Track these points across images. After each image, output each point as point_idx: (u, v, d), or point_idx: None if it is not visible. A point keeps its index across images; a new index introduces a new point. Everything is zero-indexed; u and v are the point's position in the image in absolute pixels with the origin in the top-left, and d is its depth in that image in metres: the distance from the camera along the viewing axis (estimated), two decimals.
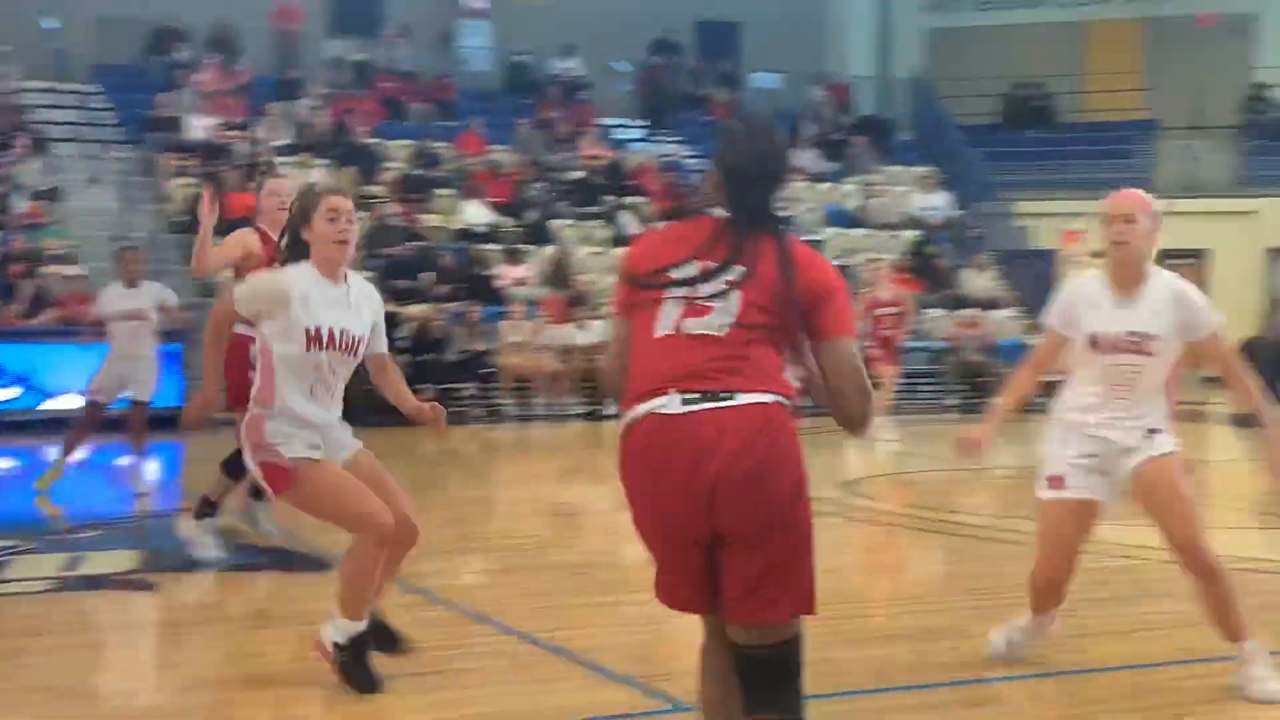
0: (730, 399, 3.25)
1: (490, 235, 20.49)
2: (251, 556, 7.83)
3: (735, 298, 3.36)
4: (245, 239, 7.50)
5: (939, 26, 30.16)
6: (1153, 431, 5.16)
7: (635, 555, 8.35)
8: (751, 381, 3.28)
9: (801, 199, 24.02)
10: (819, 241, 23.09)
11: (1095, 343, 5.16)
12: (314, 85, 23.28)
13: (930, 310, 21.21)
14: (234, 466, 7.46)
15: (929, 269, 22.22)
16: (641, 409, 3.32)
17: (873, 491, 11.20)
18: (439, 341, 17.16)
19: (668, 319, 3.40)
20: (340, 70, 24.82)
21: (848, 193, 24.81)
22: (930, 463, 13.53)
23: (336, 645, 5.12)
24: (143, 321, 10.38)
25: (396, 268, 18.78)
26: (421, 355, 16.99)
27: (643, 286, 3.45)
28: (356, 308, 5.15)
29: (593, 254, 21.04)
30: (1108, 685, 5.31)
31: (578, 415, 17.55)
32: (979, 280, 22.27)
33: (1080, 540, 5.26)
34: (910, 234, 23.29)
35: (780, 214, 3.57)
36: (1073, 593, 6.99)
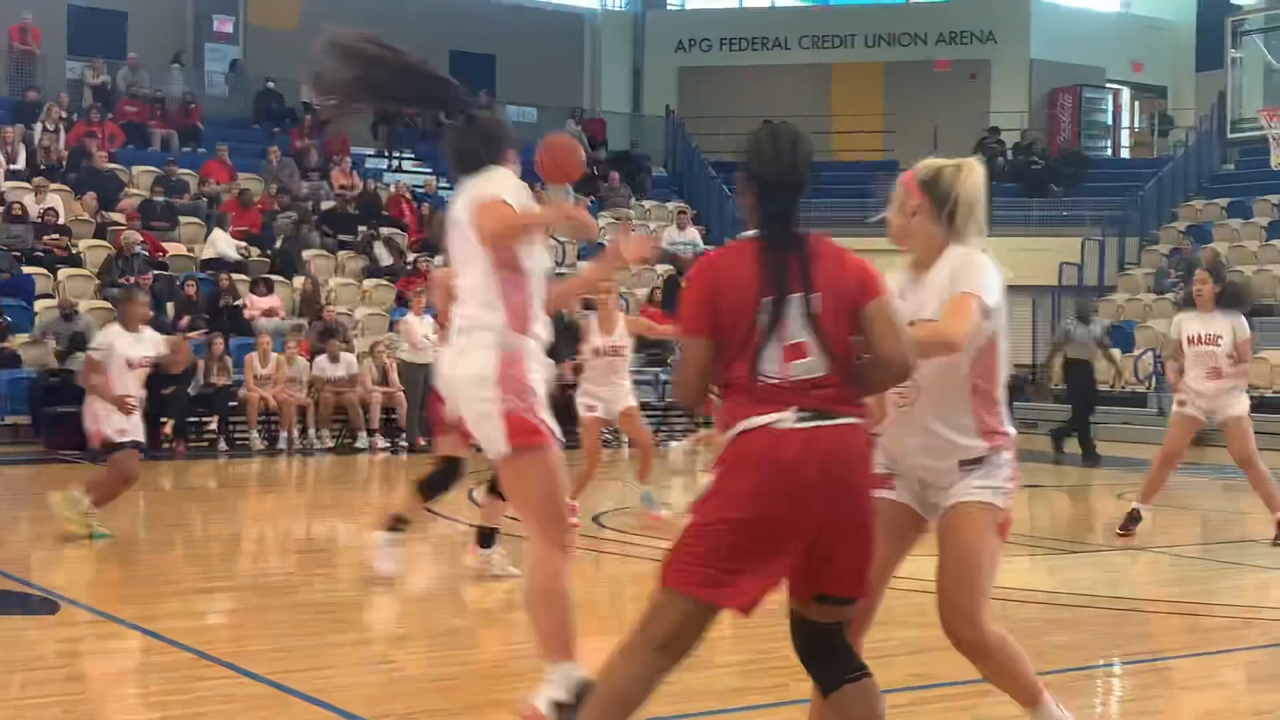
0: (834, 419, 3.70)
1: (238, 265, 20.00)
2: None
3: (821, 329, 3.73)
4: None
5: (689, 65, 30.79)
6: (967, 465, 4.23)
7: (380, 594, 8.26)
8: (848, 405, 3.75)
9: (557, 233, 24.14)
10: (571, 275, 23.25)
11: None
12: (52, 108, 22.39)
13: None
14: (431, 485, 8.10)
15: (679, 302, 22.53)
16: (757, 421, 3.69)
17: (622, 524, 11.27)
18: (182, 374, 16.61)
19: (770, 362, 3.73)
20: (80, 93, 23.94)
21: (602, 227, 25.05)
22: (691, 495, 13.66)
23: (562, 705, 4.41)
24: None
25: None
26: (164, 388, 16.44)
27: (730, 322, 3.75)
28: None
29: (345, 285, 20.73)
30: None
31: (327, 449, 17.23)
32: None
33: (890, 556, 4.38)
34: (663, 268, 23.64)
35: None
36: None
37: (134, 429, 9.72)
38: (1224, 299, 9.90)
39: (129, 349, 9.65)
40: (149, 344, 9.87)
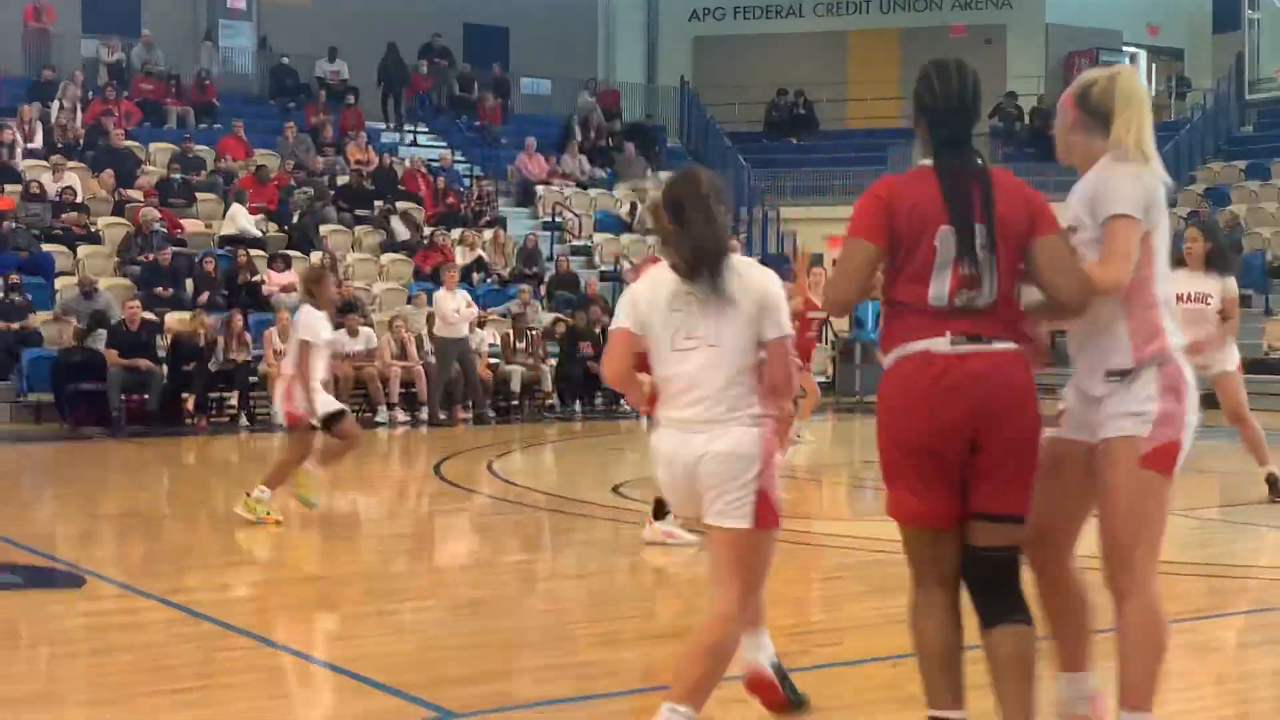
0: (990, 344, 3.85)
1: (255, 241, 20.04)
2: (3, 575, 7.49)
3: (993, 262, 3.86)
4: None
5: (704, 35, 30.67)
6: (1113, 376, 4.02)
7: (404, 565, 8.31)
8: (1006, 332, 3.88)
9: (571, 204, 24.14)
10: (588, 247, 23.26)
11: None
12: (69, 86, 22.42)
13: None
14: None
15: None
16: (915, 346, 3.87)
17: (644, 494, 11.30)
18: (202, 350, 16.69)
19: (939, 289, 3.87)
20: (96, 71, 23.96)
21: (617, 198, 25.02)
22: None
23: None
24: None
25: (157, 274, 18.22)
26: (184, 364, 16.51)
27: (906, 243, 3.88)
28: None
29: (362, 260, 20.75)
30: (864, 678, 5.46)
31: None
32: None
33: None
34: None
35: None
36: (830, 587, 7.19)
37: (332, 400, 9.90)
38: (1214, 259, 9.86)
39: (326, 330, 9.65)
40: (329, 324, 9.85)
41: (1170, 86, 31.39)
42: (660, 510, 8.38)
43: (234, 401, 17.08)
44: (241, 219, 20.20)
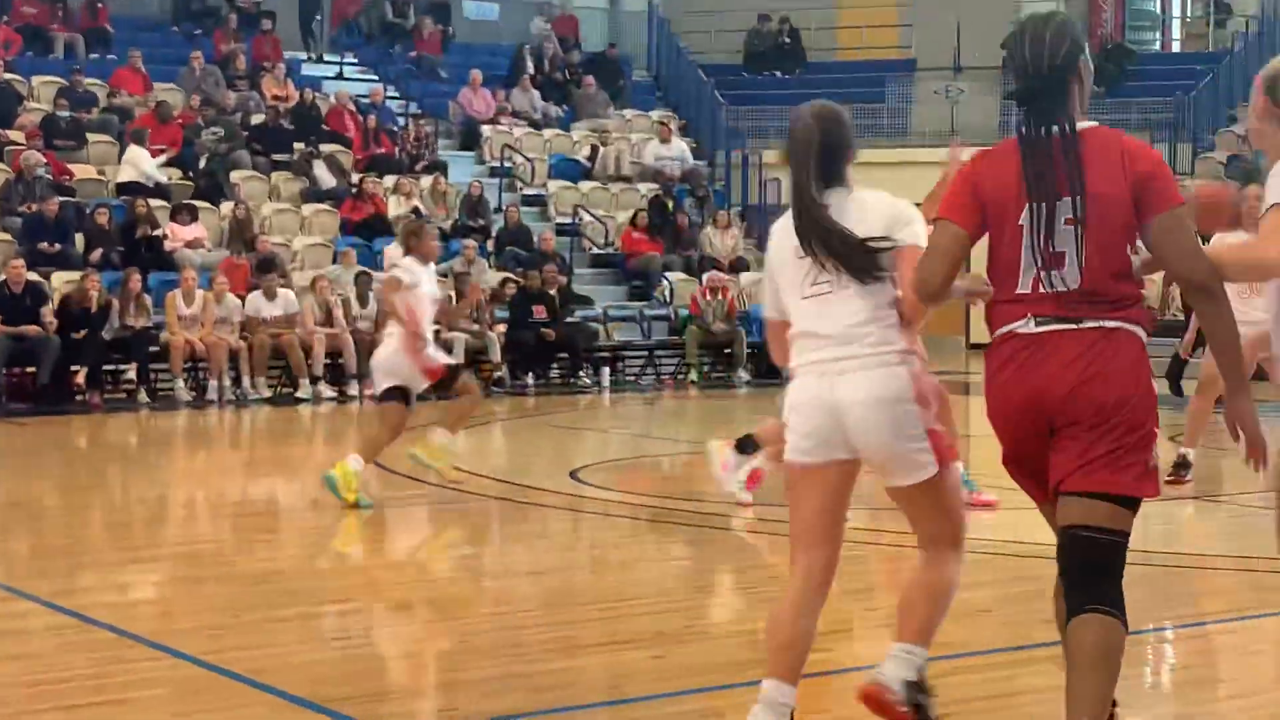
0: (1078, 323, 4.09)
1: (156, 190, 19.89)
2: None
3: (1081, 239, 4.07)
4: None
5: None
6: None
7: (328, 562, 8.29)
8: (1098, 310, 4.09)
9: (522, 147, 24.07)
10: (542, 196, 23.21)
11: None
12: None
13: (669, 274, 21.52)
14: None
15: (667, 227, 22.54)
16: (1005, 328, 4.17)
17: (604, 479, 11.31)
18: (95, 315, 16.57)
19: (1028, 268, 4.12)
20: None
21: (576, 140, 24.96)
22: (670, 445, 13.72)
23: (911, 683, 4.73)
24: None
25: (41, 227, 18.07)
26: (73, 331, 16.39)
27: (995, 225, 4.17)
28: None
29: (281, 211, 20.65)
30: (855, 687, 5.47)
31: (265, 399, 17.22)
32: (723, 240, 22.69)
33: None
34: (647, 187, 23.58)
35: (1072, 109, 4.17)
36: None
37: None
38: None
39: (430, 285, 10.01)
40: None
41: (1209, 12, 31.47)
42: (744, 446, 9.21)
43: (132, 375, 16.98)
44: (144, 163, 20.05)
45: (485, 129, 24.31)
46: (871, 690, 4.74)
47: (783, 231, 4.70)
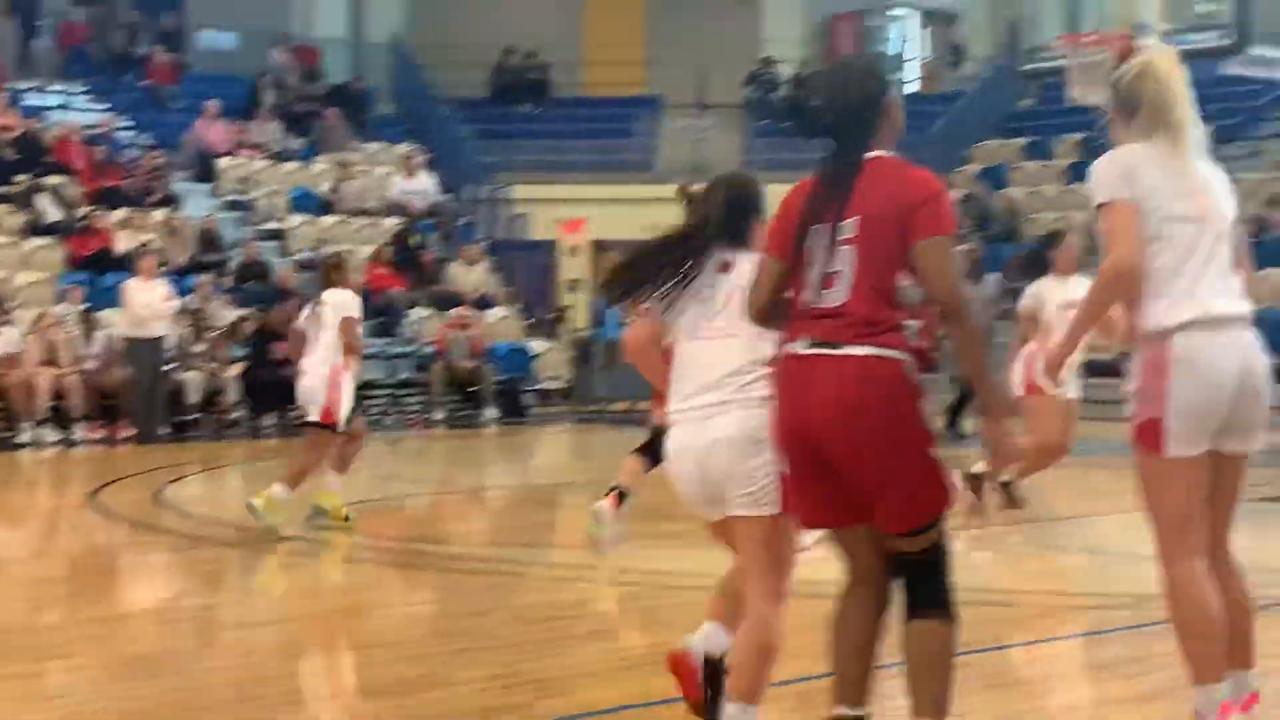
0: (837, 349, 4.35)
1: None
2: None
3: (854, 261, 4.36)
4: None
5: None
6: None
7: (52, 616, 7.97)
8: (859, 335, 4.34)
9: (261, 181, 23.65)
10: (281, 230, 22.83)
11: None
12: None
13: (414, 310, 21.34)
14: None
15: (412, 262, 22.37)
16: (785, 349, 4.48)
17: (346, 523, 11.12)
18: None
19: (811, 290, 4.43)
20: None
21: (317, 173, 24.63)
22: (416, 485, 13.57)
23: None
24: None
25: None
26: None
27: (795, 246, 4.48)
28: None
29: (2, 245, 19.92)
30: None
31: None
32: (470, 275, 22.60)
33: None
34: (391, 222, 23.36)
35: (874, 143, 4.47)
36: (558, 628, 7.21)
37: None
38: (1032, 262, 10.48)
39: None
40: None
41: (943, 55, 32.51)
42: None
43: None
44: None
45: (222, 161, 23.82)
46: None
47: None
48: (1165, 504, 4.60)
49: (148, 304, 17.20)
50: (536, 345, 22.15)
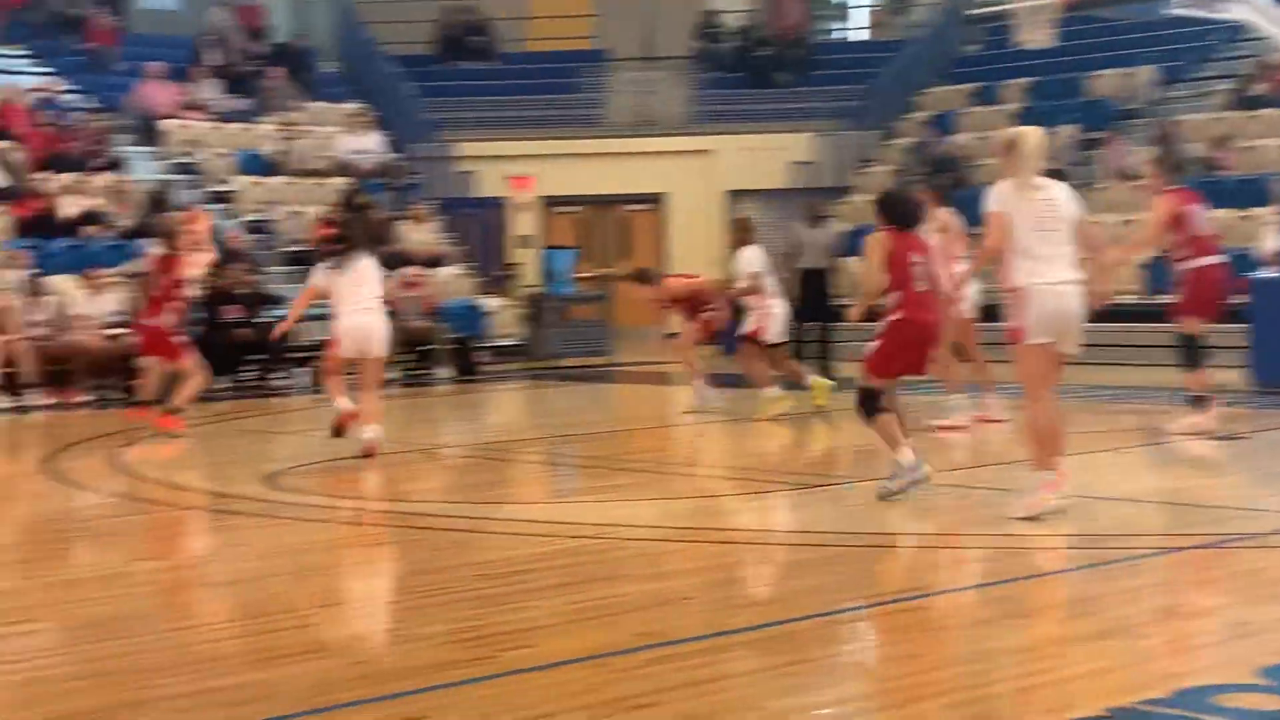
0: None
1: None
2: None
3: None
4: None
5: None
6: None
7: (6, 581, 7.99)
8: None
9: (207, 143, 23.52)
10: (229, 192, 22.73)
11: None
12: None
13: None
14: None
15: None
16: None
17: (302, 484, 11.16)
18: None
19: None
20: None
21: (263, 134, 24.50)
22: None
23: None
24: None
25: None
26: None
27: None
28: None
29: None
30: (562, 682, 5.53)
31: None
32: (419, 234, 22.57)
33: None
34: (338, 181, 23.29)
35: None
36: (519, 581, 7.30)
37: None
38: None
39: None
40: None
41: (891, 1, 32.55)
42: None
43: None
44: None
45: (166, 124, 23.67)
46: None
47: None
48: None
49: None
50: (488, 303, 22.17)
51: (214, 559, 8.69)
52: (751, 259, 14.28)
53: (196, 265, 14.40)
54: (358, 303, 12.02)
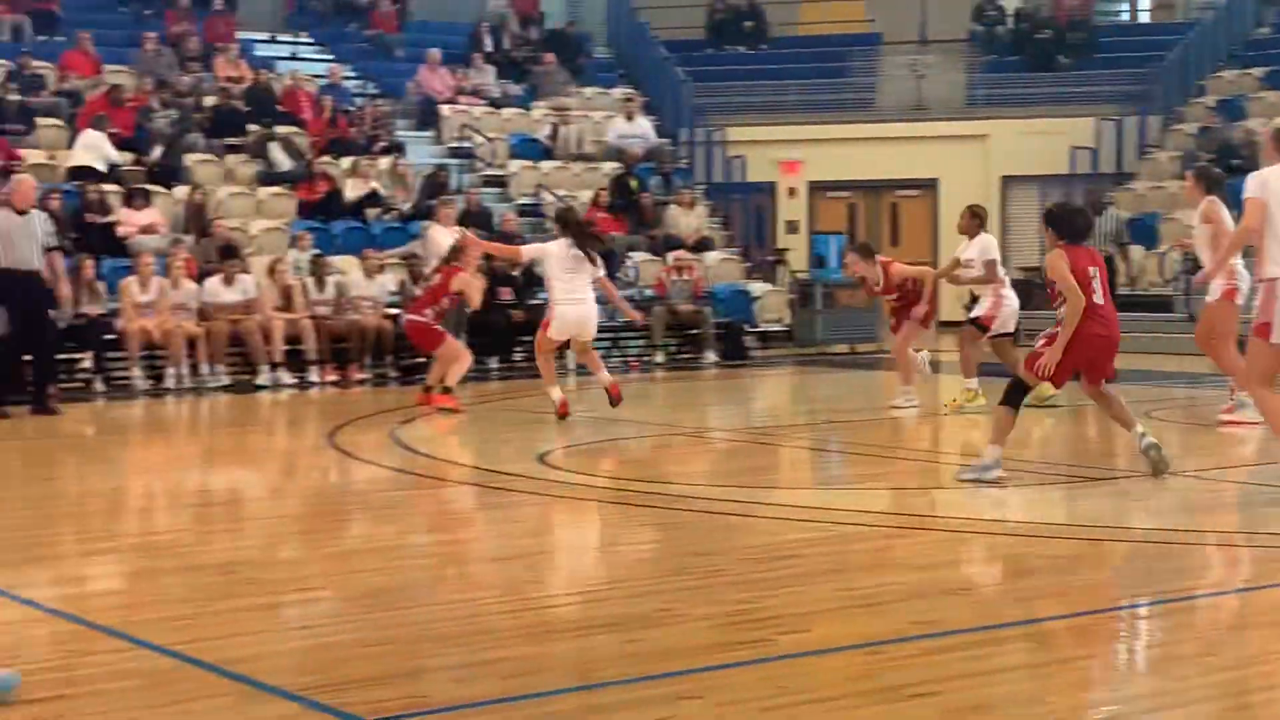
0: None
1: (109, 174, 19.77)
2: None
3: None
4: None
5: None
6: None
7: (294, 550, 8.29)
8: None
9: (482, 127, 24.01)
10: (503, 177, 23.15)
11: None
12: None
13: (634, 254, 21.51)
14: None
15: (631, 206, 22.53)
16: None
17: (571, 464, 11.32)
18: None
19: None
20: None
21: (536, 119, 24.91)
22: (637, 428, 13.74)
23: None
24: None
25: None
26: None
27: None
28: None
29: (236, 195, 20.56)
30: (838, 667, 5.52)
31: (223, 387, 17.16)
32: (688, 218, 22.69)
33: None
34: (609, 166, 23.54)
35: None
36: (790, 566, 7.28)
37: None
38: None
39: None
40: None
41: None
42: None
43: (88, 364, 16.88)
44: (104, 146, 19.91)
45: (444, 109, 24.24)
46: None
47: None
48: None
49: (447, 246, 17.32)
50: (756, 287, 22.18)
51: (486, 535, 8.87)
52: (987, 246, 13.99)
53: (469, 289, 15.11)
54: (571, 292, 13.23)
